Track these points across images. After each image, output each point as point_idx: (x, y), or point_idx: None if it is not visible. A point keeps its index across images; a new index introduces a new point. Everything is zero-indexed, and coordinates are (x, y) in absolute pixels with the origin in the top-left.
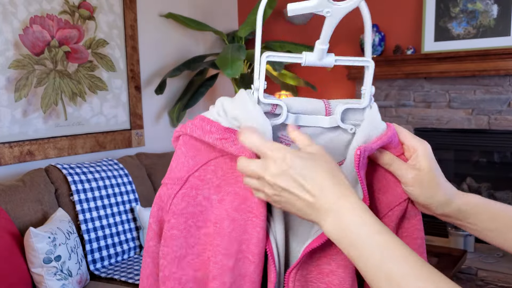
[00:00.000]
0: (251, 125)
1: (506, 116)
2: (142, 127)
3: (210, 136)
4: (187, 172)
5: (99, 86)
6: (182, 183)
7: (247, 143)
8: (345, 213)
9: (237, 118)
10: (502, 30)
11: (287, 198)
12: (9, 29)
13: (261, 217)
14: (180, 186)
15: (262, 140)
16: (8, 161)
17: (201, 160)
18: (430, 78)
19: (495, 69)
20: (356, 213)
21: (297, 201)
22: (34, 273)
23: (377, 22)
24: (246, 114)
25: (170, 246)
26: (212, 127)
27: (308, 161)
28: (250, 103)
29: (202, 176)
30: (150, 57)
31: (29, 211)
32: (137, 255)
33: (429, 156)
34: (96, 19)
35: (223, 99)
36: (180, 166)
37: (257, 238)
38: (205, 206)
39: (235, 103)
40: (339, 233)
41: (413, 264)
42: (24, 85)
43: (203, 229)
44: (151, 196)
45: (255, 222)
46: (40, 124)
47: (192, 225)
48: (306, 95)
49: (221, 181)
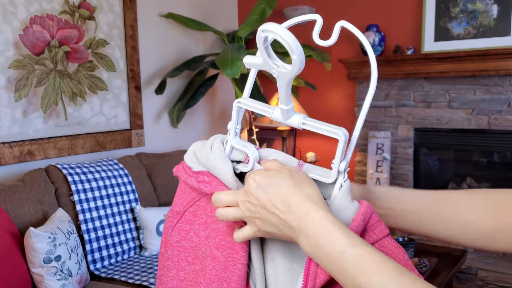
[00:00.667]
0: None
1: (506, 116)
2: (142, 127)
3: (191, 180)
4: (184, 206)
5: (99, 86)
6: (179, 217)
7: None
8: (312, 231)
9: (206, 167)
10: (502, 30)
11: (262, 215)
12: (9, 29)
13: (241, 252)
14: (177, 220)
15: (233, 192)
16: (8, 161)
17: (195, 196)
18: (430, 78)
19: (495, 69)
20: (323, 231)
21: (272, 217)
22: (34, 273)
23: (377, 22)
24: (216, 171)
25: (165, 275)
26: (189, 172)
27: (273, 178)
28: (221, 160)
29: (195, 212)
30: (150, 57)
31: (29, 211)
32: (137, 255)
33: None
34: (96, 19)
35: (195, 147)
36: (180, 201)
37: (237, 275)
38: (195, 243)
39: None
40: (313, 251)
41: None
42: (24, 85)
43: (192, 266)
44: (151, 196)
45: (235, 258)
46: (40, 124)
47: (183, 259)
48: (306, 95)
49: (208, 218)
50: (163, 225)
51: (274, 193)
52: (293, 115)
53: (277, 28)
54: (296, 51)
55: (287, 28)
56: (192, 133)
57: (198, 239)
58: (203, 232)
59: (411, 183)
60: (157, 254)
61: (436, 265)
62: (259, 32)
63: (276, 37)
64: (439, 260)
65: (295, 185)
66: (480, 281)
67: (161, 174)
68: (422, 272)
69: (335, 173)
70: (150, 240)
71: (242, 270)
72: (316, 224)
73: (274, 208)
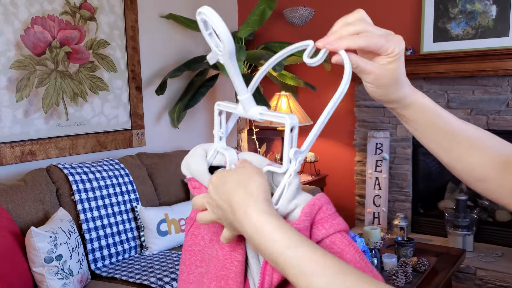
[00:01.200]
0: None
1: (505, 116)
2: (143, 127)
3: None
4: (195, 212)
5: (100, 87)
6: (192, 223)
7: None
8: (251, 233)
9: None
10: (500, 31)
11: (222, 215)
12: (11, 30)
13: (238, 250)
14: (190, 225)
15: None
16: (10, 161)
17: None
18: (429, 79)
19: (493, 69)
20: (261, 233)
21: (227, 216)
22: (35, 272)
23: (376, 22)
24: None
25: (179, 279)
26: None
27: (223, 177)
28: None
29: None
30: (150, 57)
31: (30, 211)
32: (138, 254)
33: (399, 55)
34: (97, 19)
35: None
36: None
37: (235, 272)
38: (202, 246)
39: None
40: (257, 251)
41: (333, 274)
42: (26, 85)
43: (199, 268)
44: (151, 195)
45: (233, 256)
46: (42, 124)
47: (193, 263)
48: (306, 95)
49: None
50: (164, 224)
51: (222, 193)
52: (253, 107)
53: (208, 12)
54: (222, 31)
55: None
56: (193, 133)
57: (204, 242)
58: (207, 235)
59: (410, 183)
60: (158, 253)
61: (435, 264)
62: (197, 14)
63: (207, 19)
64: (438, 260)
65: (239, 182)
66: (479, 280)
67: (162, 174)
68: (421, 271)
69: (286, 161)
70: (150, 239)
71: (239, 267)
72: (253, 225)
73: (225, 208)
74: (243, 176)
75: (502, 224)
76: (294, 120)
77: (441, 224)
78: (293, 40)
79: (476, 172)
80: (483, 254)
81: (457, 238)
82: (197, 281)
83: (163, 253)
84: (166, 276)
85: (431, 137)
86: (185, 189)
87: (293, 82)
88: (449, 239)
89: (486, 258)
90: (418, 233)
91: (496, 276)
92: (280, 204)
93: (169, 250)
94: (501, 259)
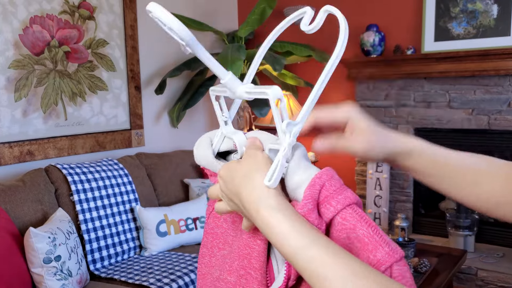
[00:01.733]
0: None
1: (506, 116)
2: (142, 127)
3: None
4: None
5: (99, 86)
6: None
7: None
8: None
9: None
10: (502, 30)
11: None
12: (9, 29)
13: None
14: (212, 208)
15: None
16: (8, 161)
17: None
18: (430, 78)
19: (495, 69)
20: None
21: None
22: (34, 273)
23: (377, 22)
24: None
25: (200, 262)
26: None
27: (230, 170)
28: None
29: None
30: (150, 57)
31: (29, 211)
32: (137, 255)
33: (360, 115)
34: (96, 19)
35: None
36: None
37: (257, 251)
38: (224, 228)
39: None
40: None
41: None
42: (24, 85)
43: (222, 251)
44: (151, 196)
45: (256, 234)
46: (40, 124)
47: (215, 246)
48: (306, 95)
49: None
50: (164, 225)
51: (231, 189)
52: (238, 87)
53: (154, 9)
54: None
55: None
56: (192, 133)
57: (226, 224)
58: (229, 217)
59: (411, 183)
60: (157, 254)
61: (436, 265)
62: (147, 13)
63: (155, 15)
64: (439, 260)
65: (246, 175)
66: (480, 281)
67: (161, 174)
68: (422, 272)
69: (281, 134)
70: (150, 240)
71: (262, 246)
72: (264, 223)
73: (237, 202)
74: (250, 169)
75: (503, 224)
76: (278, 92)
77: (442, 225)
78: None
79: (493, 199)
80: (484, 255)
81: (458, 239)
82: (219, 264)
83: (163, 254)
84: (166, 277)
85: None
86: (185, 190)
87: (293, 81)
88: (450, 239)
89: (488, 258)
90: (419, 234)
91: (497, 277)
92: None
93: (168, 251)
94: (503, 259)
